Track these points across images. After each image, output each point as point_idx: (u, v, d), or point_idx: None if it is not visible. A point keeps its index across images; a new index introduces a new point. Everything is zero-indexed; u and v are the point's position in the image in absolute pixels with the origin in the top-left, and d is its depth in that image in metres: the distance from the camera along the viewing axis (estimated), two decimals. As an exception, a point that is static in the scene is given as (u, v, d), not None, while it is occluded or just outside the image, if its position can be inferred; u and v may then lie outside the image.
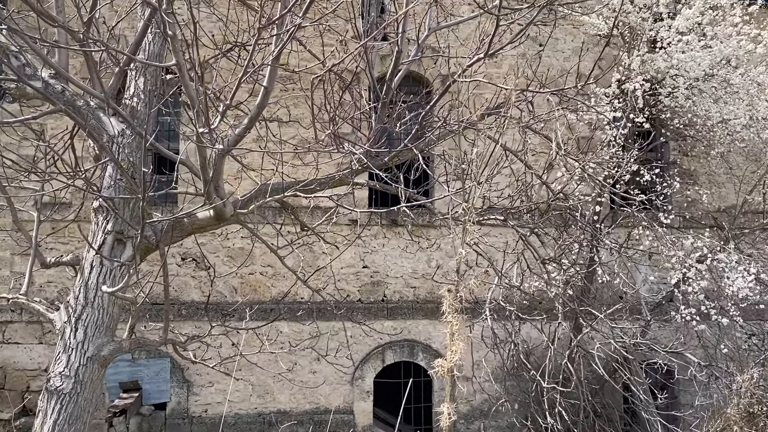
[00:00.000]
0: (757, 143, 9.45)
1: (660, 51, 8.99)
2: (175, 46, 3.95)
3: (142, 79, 5.38)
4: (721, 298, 8.88)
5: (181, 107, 8.38)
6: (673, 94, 9.20)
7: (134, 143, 5.11)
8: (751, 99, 8.77)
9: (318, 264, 9.55)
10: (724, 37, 8.53)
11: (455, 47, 11.43)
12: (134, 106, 5.25)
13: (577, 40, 11.14)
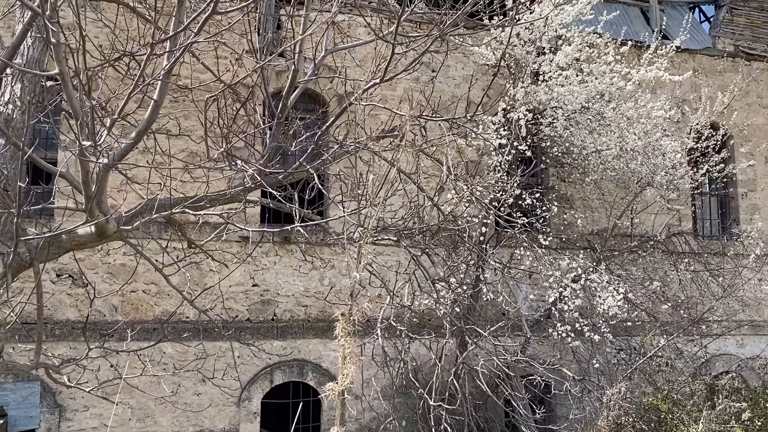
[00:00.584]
0: (626, 172, 10.24)
1: (542, 84, 9.58)
2: (59, 55, 3.74)
3: (19, 86, 5.04)
4: (593, 315, 9.50)
5: (62, 115, 7.91)
6: (553, 124, 9.80)
7: (8, 154, 4.78)
8: (622, 132, 9.53)
9: (206, 282, 9.27)
10: (599, 73, 9.23)
11: (351, 67, 11.59)
12: (9, 113, 4.90)
13: (468, 69, 11.63)
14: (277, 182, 5.85)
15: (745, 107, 13.27)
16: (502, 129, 9.35)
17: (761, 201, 13.30)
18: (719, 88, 12.58)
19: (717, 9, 14.14)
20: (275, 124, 5.98)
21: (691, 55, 13.20)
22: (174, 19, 4.14)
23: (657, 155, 9.98)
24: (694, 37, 13.21)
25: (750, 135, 13.20)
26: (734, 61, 13.61)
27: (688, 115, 12.06)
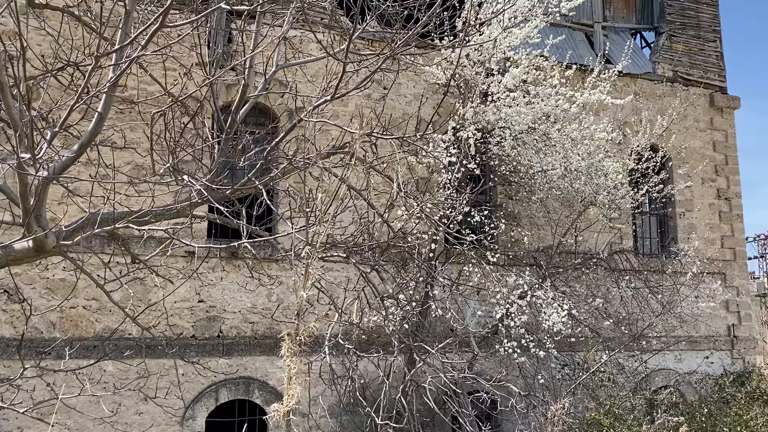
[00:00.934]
0: (570, 191, 10.51)
1: (490, 104, 9.77)
2: (-2, 64, 3.63)
3: (-46, 93, 4.85)
4: (539, 331, 9.67)
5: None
6: (501, 144, 10.00)
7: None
8: (566, 152, 9.79)
9: (150, 298, 9.04)
10: (545, 96, 9.49)
11: (303, 82, 11.56)
12: (-59, 122, 4.71)
13: (419, 87, 11.76)
14: (225, 197, 5.78)
15: (683, 130, 13.83)
16: (452, 147, 9.48)
17: (698, 221, 13.85)
18: (659, 112, 13.08)
19: (657, 36, 14.75)
20: (224, 139, 5.92)
21: (633, 79, 13.70)
22: (121, 31, 4.06)
23: (600, 176, 10.29)
24: (636, 62, 13.72)
25: (687, 157, 13.76)
26: (673, 86, 14.19)
27: (629, 137, 12.49)
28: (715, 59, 14.85)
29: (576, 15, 12.69)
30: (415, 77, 11.69)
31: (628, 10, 14.77)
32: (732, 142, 14.58)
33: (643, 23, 14.85)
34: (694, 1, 14.92)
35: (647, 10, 14.86)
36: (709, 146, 14.40)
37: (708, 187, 14.20)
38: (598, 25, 14.05)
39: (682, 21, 14.70)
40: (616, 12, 14.58)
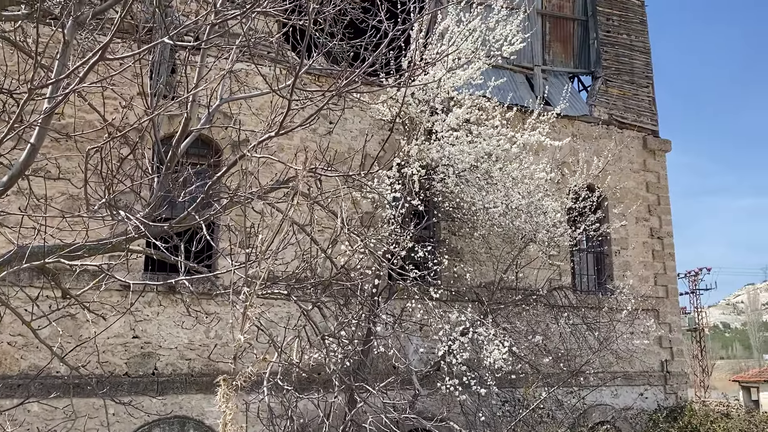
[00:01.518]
0: (511, 228, 10.72)
1: (435, 142, 9.93)
2: None
3: None
4: (480, 368, 9.72)
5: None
6: (444, 181, 10.15)
7: None
8: (507, 191, 10.01)
9: (81, 334, 8.66)
10: (487, 136, 9.72)
11: (248, 115, 11.49)
12: None
13: (365, 122, 11.87)
14: (163, 232, 5.62)
15: (618, 171, 14.37)
16: (397, 183, 9.55)
17: (632, 258, 14.32)
18: (595, 153, 13.57)
19: (593, 80, 15.39)
20: (164, 171, 5.78)
21: (570, 121, 14.20)
22: (58, 62, 3.94)
23: (539, 214, 10.55)
24: (573, 105, 14.24)
25: (622, 197, 14.27)
26: (608, 128, 14.78)
27: (567, 177, 12.88)
28: (648, 104, 15.58)
29: (517, 58, 13.11)
30: (360, 113, 11.80)
31: (566, 55, 15.38)
32: (664, 183, 15.23)
33: (581, 68, 15.48)
34: (628, 49, 15.68)
35: (584, 56, 15.51)
36: (643, 187, 14.99)
37: (642, 226, 14.74)
38: (538, 68, 14.57)
39: (617, 67, 15.40)
40: (555, 56, 15.16)
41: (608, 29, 15.51)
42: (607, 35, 15.45)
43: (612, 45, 15.46)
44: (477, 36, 10.34)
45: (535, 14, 14.60)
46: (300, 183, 4.52)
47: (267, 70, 10.15)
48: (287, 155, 11.31)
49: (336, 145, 11.38)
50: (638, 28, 15.99)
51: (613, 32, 15.58)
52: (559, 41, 15.27)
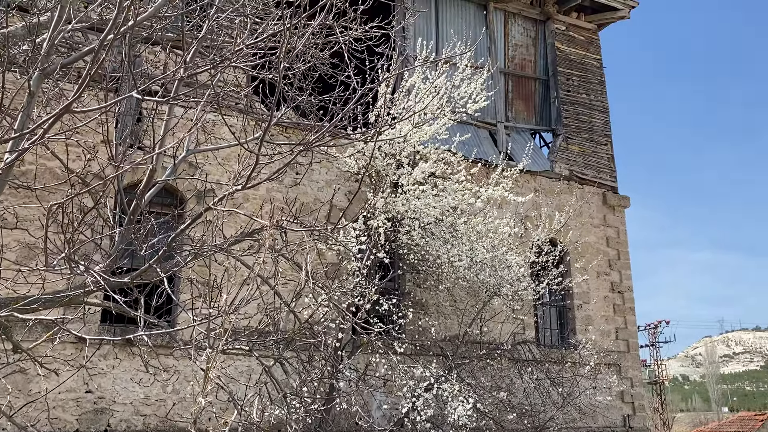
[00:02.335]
0: (476, 282, 10.77)
1: (401, 195, 10.02)
2: None
3: None
4: (444, 425, 9.58)
5: None
6: (410, 233, 10.20)
7: None
8: (472, 244, 10.10)
9: (31, 389, 8.29)
10: (452, 190, 9.85)
11: (214, 165, 11.45)
12: None
13: (331, 173, 11.93)
14: (123, 284, 5.48)
15: (579, 226, 14.66)
16: (362, 236, 9.56)
17: (594, 312, 14.48)
18: (557, 208, 13.85)
19: (555, 137, 15.82)
20: (126, 223, 5.68)
21: (533, 176, 14.51)
22: (22, 114, 3.89)
23: (503, 268, 10.64)
24: (536, 161, 14.58)
25: (583, 251, 14.52)
26: (569, 184, 15.13)
27: (530, 231, 13.08)
28: (607, 161, 16.05)
29: (481, 114, 13.44)
30: (327, 164, 11.86)
31: (528, 112, 15.84)
32: (623, 238, 15.57)
33: (542, 125, 15.93)
34: (588, 108, 16.23)
35: (545, 113, 16.00)
36: (603, 242, 15.29)
37: (603, 281, 14.97)
38: (501, 124, 14.94)
39: (577, 125, 15.89)
40: (518, 113, 15.59)
41: (568, 89, 16.05)
42: (567, 94, 15.98)
43: (572, 104, 15.99)
44: (442, 93, 10.60)
45: (498, 73, 15.06)
46: (267, 239, 4.48)
47: (234, 120, 10.18)
48: (253, 205, 11.25)
49: (302, 196, 11.39)
50: (597, 88, 16.60)
51: (573, 91, 16.14)
52: (521, 99, 15.74)
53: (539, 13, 16.32)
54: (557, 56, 16.06)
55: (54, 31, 4.21)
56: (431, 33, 14.50)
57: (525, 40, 16.17)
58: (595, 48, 17.01)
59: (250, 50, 5.87)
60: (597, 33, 17.19)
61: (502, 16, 15.86)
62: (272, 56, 6.57)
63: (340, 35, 6.93)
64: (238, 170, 6.36)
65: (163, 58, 10.39)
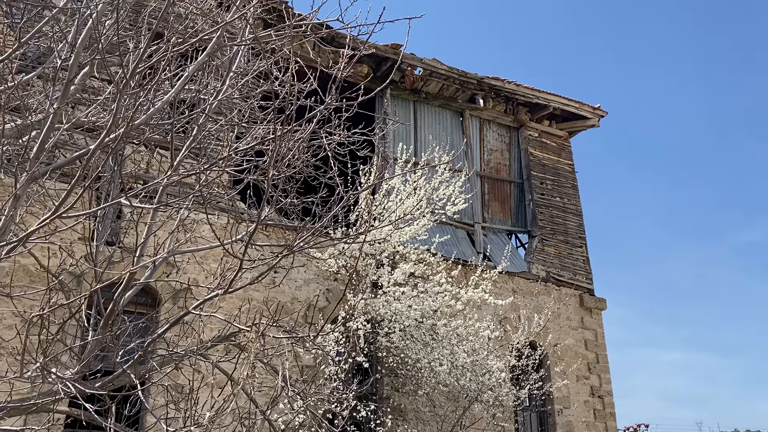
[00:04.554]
0: (456, 387, 10.54)
1: (381, 296, 9.96)
2: None
3: None
4: None
5: None
6: (389, 335, 10.05)
7: None
8: (453, 348, 9.96)
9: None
10: (433, 292, 9.83)
11: (191, 262, 11.33)
12: None
13: (309, 272, 11.86)
14: (95, 391, 5.25)
15: (557, 328, 14.60)
16: (341, 336, 9.39)
17: (575, 418, 14.17)
18: (535, 309, 13.83)
19: (530, 238, 16.06)
20: (101, 326, 5.52)
21: (511, 277, 14.58)
22: (5, 217, 3.84)
23: (484, 372, 10.45)
24: (513, 262, 14.71)
25: (563, 354, 14.39)
26: (546, 286, 15.21)
27: (509, 333, 12.97)
28: (583, 263, 16.24)
29: (459, 215, 13.66)
30: (306, 262, 11.81)
31: (504, 213, 16.15)
32: (602, 341, 15.51)
33: (518, 226, 16.21)
34: (562, 211, 16.61)
35: (521, 215, 16.32)
36: (582, 344, 15.20)
37: (582, 385, 14.75)
38: (479, 225, 15.17)
39: (552, 227, 16.19)
40: (494, 215, 15.89)
41: (542, 192, 16.48)
42: (541, 197, 16.38)
43: (546, 206, 16.36)
44: (422, 195, 10.81)
45: (475, 176, 15.47)
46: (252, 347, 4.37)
47: (215, 218, 10.19)
48: (229, 305, 11.05)
49: (280, 295, 11.24)
50: (570, 192, 17.07)
51: (547, 195, 16.56)
52: (497, 201, 16.08)
53: (513, 121, 17.00)
54: (531, 161, 16.60)
55: (44, 135, 4.24)
56: (410, 137, 14.96)
57: (500, 145, 16.75)
58: (567, 154, 17.65)
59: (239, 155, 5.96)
60: (568, 140, 17.89)
61: (477, 123, 16.48)
62: (257, 159, 6.68)
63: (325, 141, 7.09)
64: (218, 271, 6.29)
65: (147, 158, 10.51)
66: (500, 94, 16.59)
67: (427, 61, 14.92)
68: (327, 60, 11.12)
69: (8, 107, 6.59)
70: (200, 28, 7.42)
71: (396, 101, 15.31)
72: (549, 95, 16.89)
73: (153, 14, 7.45)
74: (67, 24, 6.14)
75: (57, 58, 4.38)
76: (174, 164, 5.17)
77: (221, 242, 5.43)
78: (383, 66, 14.60)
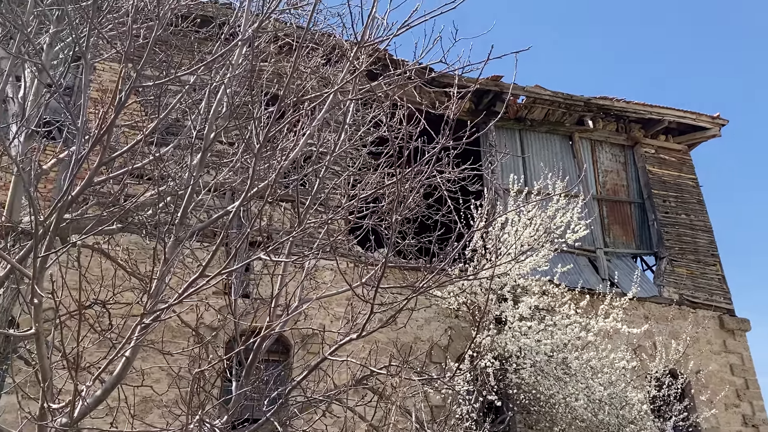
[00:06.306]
0: (594, 422, 10.04)
1: (506, 329, 9.76)
2: (38, 315, 3.66)
3: (-18, 336, 4.85)
4: None
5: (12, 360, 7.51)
6: (519, 371, 9.79)
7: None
8: (588, 381, 9.54)
9: None
10: (562, 325, 9.51)
11: (315, 308, 11.65)
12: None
13: (429, 311, 11.85)
14: (242, 440, 5.49)
15: (697, 353, 13.61)
16: (469, 375, 9.27)
17: (729, 451, 13.05)
18: (671, 335, 13.00)
19: (658, 260, 15.21)
20: (243, 376, 5.78)
21: (641, 303, 13.82)
22: (157, 281, 4.15)
23: (623, 405, 9.91)
24: (642, 286, 13.96)
25: (707, 382, 13.36)
26: (681, 309, 14.27)
27: (645, 362, 12.25)
28: (719, 282, 15.15)
29: (580, 242, 13.22)
30: (425, 301, 11.82)
31: (627, 236, 15.44)
32: (749, 365, 14.29)
33: (643, 248, 15.42)
34: (689, 228, 15.65)
35: (645, 236, 15.53)
36: (727, 370, 14.07)
37: (733, 414, 13.60)
38: (600, 250, 14.58)
39: (680, 246, 15.27)
40: (616, 238, 15.22)
41: (666, 210, 15.64)
42: (665, 216, 15.54)
43: (672, 225, 15.49)
44: (538, 224, 10.59)
45: (591, 200, 14.94)
46: (389, 395, 4.42)
47: (335, 264, 10.47)
48: (353, 347, 11.23)
49: (403, 336, 11.28)
50: (696, 207, 16.08)
51: (672, 213, 15.69)
52: (618, 224, 15.43)
53: (626, 139, 16.38)
54: (650, 179, 15.85)
55: (186, 201, 4.59)
56: (519, 167, 14.75)
57: (615, 165, 16.14)
58: (689, 168, 16.70)
59: (358, 202, 6.15)
60: (688, 153, 16.95)
61: (588, 145, 16.01)
62: (374, 204, 6.85)
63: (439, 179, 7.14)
64: (346, 316, 6.44)
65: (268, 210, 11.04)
66: (609, 113, 16.07)
67: (529, 89, 14.77)
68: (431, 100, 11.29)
69: (147, 177, 7.19)
70: (312, 85, 7.79)
71: (501, 132, 15.22)
72: (662, 109, 16.15)
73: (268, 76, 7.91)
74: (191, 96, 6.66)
75: (192, 129, 4.75)
76: (301, 218, 5.40)
77: (350, 286, 5.57)
78: (484, 99, 14.61)
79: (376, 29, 4.86)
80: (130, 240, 9.98)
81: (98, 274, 6.02)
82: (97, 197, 6.31)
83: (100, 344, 5.40)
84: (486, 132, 14.44)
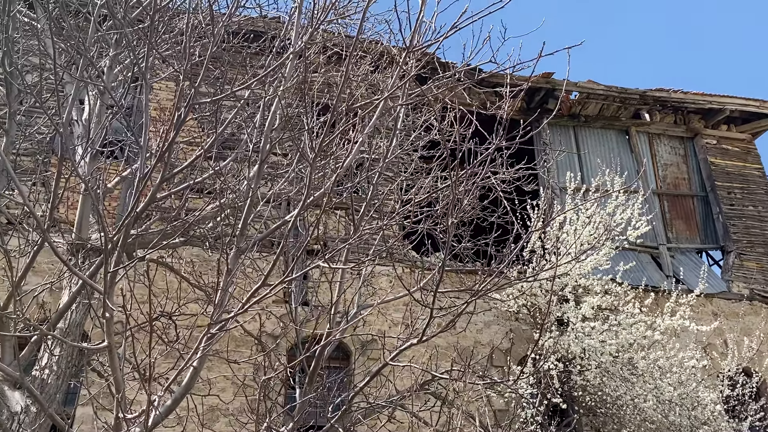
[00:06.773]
0: (664, 423, 9.71)
1: (569, 330, 9.56)
2: (109, 329, 3.79)
3: (58, 349, 5.05)
4: None
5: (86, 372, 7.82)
6: (583, 373, 9.57)
7: (37, 420, 4.62)
8: (656, 381, 9.24)
9: None
10: (627, 324, 9.25)
11: (373, 314, 11.69)
12: (44, 378, 4.85)
13: (489, 314, 11.71)
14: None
15: (772, 351, 13.00)
16: (532, 378, 9.13)
17: (812, 453, 12.40)
18: (743, 332, 12.46)
19: (725, 254, 14.62)
20: (306, 383, 5.85)
21: (708, 299, 13.29)
22: (221, 292, 4.24)
23: (694, 406, 9.56)
24: (709, 282, 13.42)
25: (785, 380, 12.74)
26: (753, 305, 13.67)
27: (716, 360, 11.78)
28: (792, 275, 14.45)
29: (641, 239, 12.85)
30: (484, 305, 11.68)
31: (690, 231, 14.90)
32: (831, 361, 13.55)
33: (708, 243, 14.86)
34: (758, 221, 14.98)
35: (709, 230, 14.95)
36: (806, 367, 13.39)
37: (815, 413, 12.92)
38: (663, 246, 14.12)
39: (748, 239, 14.64)
40: (679, 233, 14.72)
41: (731, 202, 15.04)
42: (731, 208, 14.94)
43: (739, 218, 14.87)
44: (598, 222, 10.35)
45: (652, 195, 14.49)
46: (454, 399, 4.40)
47: (391, 269, 10.49)
48: (414, 352, 11.19)
49: (462, 340, 11.18)
50: (764, 198, 15.39)
51: (737, 205, 15.07)
52: (680, 218, 14.91)
53: (685, 131, 15.84)
54: (713, 171, 15.27)
55: (246, 212, 4.68)
56: (575, 164, 14.44)
57: (674, 158, 15.63)
58: (754, 157, 16.01)
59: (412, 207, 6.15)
60: (753, 142, 16.27)
61: (646, 138, 15.55)
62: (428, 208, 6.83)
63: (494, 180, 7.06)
64: (404, 321, 6.44)
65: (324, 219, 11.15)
66: (667, 105, 15.58)
67: (582, 84, 14.47)
68: (481, 101, 11.18)
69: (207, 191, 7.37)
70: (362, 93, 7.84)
71: (555, 129, 14.94)
72: (722, 98, 15.56)
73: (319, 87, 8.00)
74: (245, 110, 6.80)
75: (248, 142, 4.85)
76: (356, 225, 5.43)
77: (408, 291, 5.57)
78: (536, 97, 14.39)
79: (424, 33, 4.86)
80: (192, 253, 10.23)
81: (163, 287, 6.21)
82: (160, 213, 6.51)
83: (167, 355, 5.56)
84: (539, 130, 14.21)
